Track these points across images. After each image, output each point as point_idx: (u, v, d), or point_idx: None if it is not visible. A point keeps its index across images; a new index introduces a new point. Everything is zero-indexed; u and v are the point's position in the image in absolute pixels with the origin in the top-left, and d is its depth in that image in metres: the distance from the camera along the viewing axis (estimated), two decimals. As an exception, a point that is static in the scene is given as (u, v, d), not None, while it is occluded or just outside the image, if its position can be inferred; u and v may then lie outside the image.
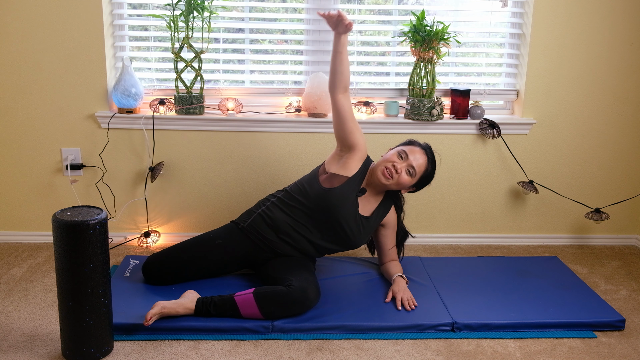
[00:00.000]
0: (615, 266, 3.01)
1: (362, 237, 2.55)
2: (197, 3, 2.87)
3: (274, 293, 2.27)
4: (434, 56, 2.97)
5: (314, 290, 2.33)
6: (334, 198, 2.46)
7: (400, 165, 2.47)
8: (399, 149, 2.53)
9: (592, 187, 3.23)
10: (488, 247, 3.22)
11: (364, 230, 2.54)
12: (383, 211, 2.60)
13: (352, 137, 2.51)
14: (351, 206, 2.49)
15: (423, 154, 2.52)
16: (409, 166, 2.48)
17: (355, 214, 2.50)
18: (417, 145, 2.55)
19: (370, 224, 2.56)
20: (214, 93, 3.10)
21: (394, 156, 2.50)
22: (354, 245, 2.56)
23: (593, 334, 2.31)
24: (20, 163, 3.05)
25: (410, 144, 2.57)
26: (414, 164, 2.48)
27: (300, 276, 2.37)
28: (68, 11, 2.87)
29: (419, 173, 2.50)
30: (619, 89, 3.11)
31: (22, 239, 3.13)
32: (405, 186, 2.51)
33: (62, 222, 1.94)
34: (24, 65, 2.93)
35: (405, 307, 2.40)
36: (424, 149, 2.55)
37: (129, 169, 3.07)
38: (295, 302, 2.27)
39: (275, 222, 2.52)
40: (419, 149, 2.53)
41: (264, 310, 2.25)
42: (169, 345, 2.17)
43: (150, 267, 2.54)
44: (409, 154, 2.49)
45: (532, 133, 3.14)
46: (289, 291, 2.27)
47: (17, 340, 2.18)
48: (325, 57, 3.10)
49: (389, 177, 2.47)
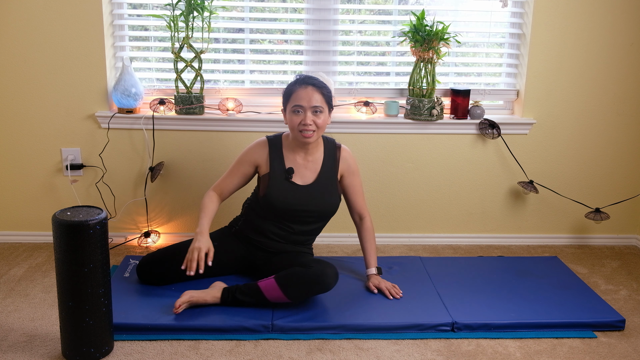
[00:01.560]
0: (615, 266, 3.01)
1: (326, 202, 2.51)
2: (197, 3, 2.87)
3: (294, 275, 2.31)
4: (434, 56, 2.97)
5: (332, 270, 2.35)
6: (273, 199, 2.46)
7: (307, 119, 2.38)
8: (291, 108, 2.42)
9: (592, 187, 3.23)
10: (488, 247, 3.22)
11: (324, 196, 2.50)
12: (330, 166, 2.53)
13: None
14: (292, 191, 2.47)
15: (307, 88, 2.40)
16: (312, 110, 2.39)
17: (302, 193, 2.48)
18: (298, 87, 2.42)
19: (322, 185, 2.51)
20: (214, 93, 3.10)
21: (295, 118, 2.41)
22: (327, 213, 2.54)
23: (593, 334, 2.31)
24: (20, 163, 3.05)
25: (291, 93, 2.44)
26: (312, 104, 2.39)
27: (315, 260, 2.42)
28: (68, 11, 2.87)
29: (323, 103, 2.41)
30: (619, 89, 3.11)
31: (22, 239, 3.13)
32: (326, 123, 2.44)
33: (62, 222, 1.94)
34: (24, 65, 2.93)
35: (394, 296, 2.48)
36: (304, 83, 2.42)
37: (129, 169, 3.07)
38: (316, 282, 2.30)
39: (258, 226, 2.54)
40: (301, 88, 2.41)
41: (287, 293, 2.30)
42: (169, 345, 2.17)
43: (146, 267, 2.53)
44: (301, 103, 2.39)
45: (532, 133, 3.14)
46: (308, 272, 2.30)
47: (17, 340, 2.18)
48: (325, 57, 3.10)
49: (311, 135, 2.41)
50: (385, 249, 3.13)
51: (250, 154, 2.54)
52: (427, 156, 3.12)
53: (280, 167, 2.50)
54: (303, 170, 2.51)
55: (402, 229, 3.22)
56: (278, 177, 2.49)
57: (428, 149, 3.11)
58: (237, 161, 2.57)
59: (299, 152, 2.51)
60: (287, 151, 2.52)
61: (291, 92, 2.44)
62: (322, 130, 2.46)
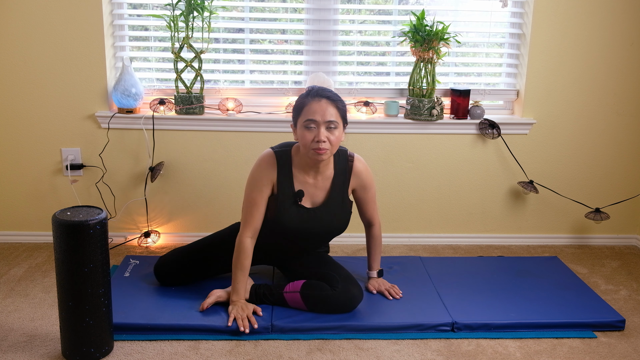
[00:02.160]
0: (615, 266, 3.01)
1: (336, 223, 2.40)
2: (197, 3, 2.87)
3: (321, 297, 2.32)
4: (434, 56, 2.97)
5: (358, 289, 2.36)
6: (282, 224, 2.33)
7: (321, 136, 2.19)
8: (302, 122, 2.23)
9: (592, 187, 3.23)
10: (488, 247, 3.22)
11: (334, 217, 2.38)
12: (341, 182, 2.38)
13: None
14: (301, 215, 2.34)
15: (321, 102, 2.22)
16: (326, 126, 2.21)
17: (311, 216, 2.35)
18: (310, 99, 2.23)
19: (332, 205, 2.37)
20: (214, 93, 3.10)
21: (307, 134, 2.21)
22: (337, 231, 2.43)
23: (593, 334, 2.31)
24: (20, 163, 3.05)
25: (303, 106, 2.24)
26: (327, 118, 2.20)
27: (342, 274, 2.40)
28: (68, 11, 2.87)
29: (338, 117, 2.24)
30: (619, 89, 3.11)
31: (22, 239, 3.13)
32: (340, 139, 2.26)
33: (62, 222, 1.94)
34: (24, 65, 2.93)
35: (394, 296, 2.49)
36: (317, 95, 2.23)
37: (129, 169, 3.07)
38: (342, 305, 2.32)
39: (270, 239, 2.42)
40: (314, 101, 2.22)
41: (311, 309, 2.34)
42: (169, 345, 2.17)
43: (165, 268, 2.51)
44: (314, 118, 2.20)
45: (532, 133, 3.14)
46: (335, 294, 2.31)
47: (17, 340, 2.18)
48: (325, 57, 3.10)
49: (324, 152, 2.22)
50: (385, 249, 3.13)
51: (263, 174, 2.32)
52: (427, 156, 3.12)
53: (290, 190, 2.32)
54: (313, 190, 2.35)
55: (402, 229, 3.22)
56: (287, 201, 2.32)
57: (428, 149, 3.11)
58: (253, 187, 2.32)
59: (309, 171, 2.34)
60: (296, 170, 2.33)
61: (303, 105, 2.24)
62: (336, 148, 2.27)
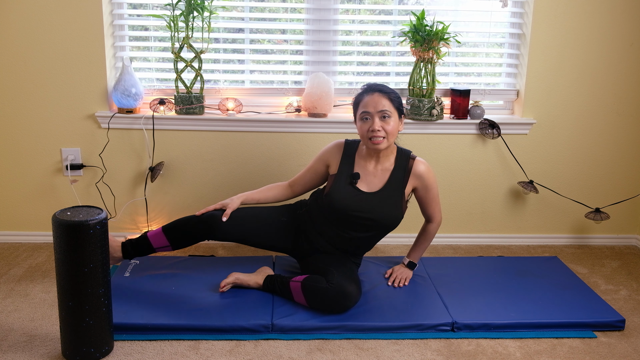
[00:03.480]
0: (615, 266, 3.01)
1: (387, 214, 2.46)
2: (197, 3, 2.87)
3: (317, 289, 2.35)
4: (434, 56, 2.97)
5: (354, 288, 2.36)
6: (334, 200, 2.46)
7: (375, 125, 2.37)
8: (359, 115, 2.42)
9: (592, 187, 3.23)
10: (488, 247, 3.22)
11: (386, 206, 2.46)
12: (399, 177, 2.48)
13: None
14: (354, 196, 2.45)
15: (374, 95, 2.40)
16: (379, 116, 2.37)
17: (363, 200, 2.45)
18: (365, 94, 2.43)
19: (387, 196, 2.46)
20: (214, 93, 3.10)
21: (364, 125, 2.40)
22: (387, 225, 2.50)
23: (593, 334, 2.31)
24: (20, 163, 3.05)
25: (359, 101, 2.44)
26: (379, 109, 2.37)
27: (340, 270, 2.42)
28: (68, 11, 2.87)
29: (391, 107, 2.39)
30: (619, 89, 3.11)
31: (22, 239, 3.13)
32: (396, 129, 2.42)
33: (62, 222, 1.94)
34: (24, 65, 2.93)
35: (394, 284, 2.58)
36: (370, 90, 2.42)
37: (129, 169, 3.07)
38: (335, 301, 2.33)
39: (317, 223, 2.54)
40: (368, 95, 2.41)
41: (310, 303, 2.37)
42: (169, 345, 2.17)
43: (225, 225, 2.51)
44: (368, 109, 2.38)
45: (532, 133, 3.14)
46: (328, 289, 2.33)
47: (17, 340, 2.18)
48: (325, 57, 3.10)
49: (380, 141, 2.39)
50: (385, 249, 3.13)
51: (325, 152, 2.57)
52: (427, 156, 3.12)
53: (348, 171, 2.49)
54: (371, 178, 2.49)
55: (402, 229, 3.20)
56: (343, 180, 2.49)
57: (428, 149, 3.11)
58: (314, 158, 2.61)
59: (370, 160, 2.50)
60: (359, 157, 2.51)
61: (359, 100, 2.44)
62: (393, 137, 2.42)
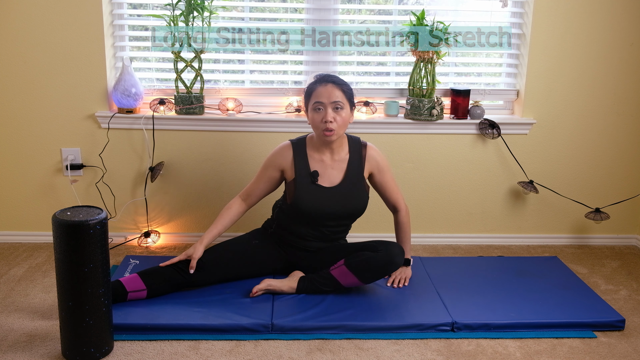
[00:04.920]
0: (615, 266, 3.01)
1: (355, 203, 2.51)
2: (197, 3, 2.87)
3: (365, 261, 2.39)
4: (434, 56, 2.97)
5: (398, 248, 2.42)
6: (302, 205, 2.46)
7: (328, 116, 2.38)
8: (312, 106, 2.42)
9: (592, 187, 3.23)
10: (488, 247, 3.22)
11: (352, 197, 2.50)
12: (356, 165, 2.52)
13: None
14: (319, 195, 2.47)
15: (327, 85, 2.41)
16: (332, 107, 2.39)
17: (329, 196, 2.47)
18: (318, 85, 2.42)
19: (350, 185, 2.49)
20: (214, 93, 3.10)
21: (316, 115, 2.41)
22: (356, 213, 2.54)
23: (593, 334, 2.31)
24: (20, 163, 3.05)
25: (312, 91, 2.43)
26: (332, 99, 2.38)
27: (373, 241, 2.46)
28: (68, 11, 2.87)
29: (343, 99, 2.41)
30: (619, 89, 3.11)
31: (22, 239, 3.13)
32: (347, 121, 2.44)
33: (62, 222, 1.94)
34: (24, 65, 2.93)
35: (394, 285, 2.56)
36: (323, 81, 2.42)
37: (129, 169, 3.07)
38: (391, 263, 2.40)
39: (291, 228, 2.55)
40: (321, 86, 2.41)
41: (361, 277, 2.40)
42: (169, 345, 2.17)
43: (198, 275, 2.47)
44: (322, 100, 2.39)
45: (532, 133, 3.14)
46: (381, 255, 2.38)
47: (17, 340, 2.18)
48: (325, 57, 3.10)
49: (332, 132, 2.40)
50: (385, 249, 3.14)
51: (274, 158, 2.53)
52: (427, 156, 3.12)
53: (306, 171, 2.48)
54: (330, 171, 2.50)
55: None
56: (304, 182, 2.48)
57: (428, 149, 3.11)
58: (262, 166, 2.56)
59: (324, 151, 2.50)
60: (311, 151, 2.51)
61: (312, 90, 2.44)
62: (344, 128, 2.44)
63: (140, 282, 2.38)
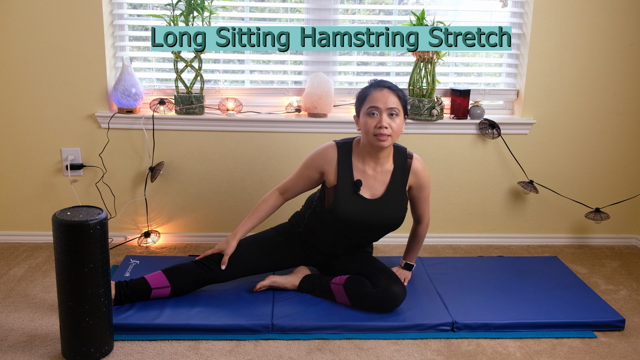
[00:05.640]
0: (615, 266, 3.01)
1: (394, 217, 2.42)
2: (197, 3, 2.87)
3: (364, 293, 2.36)
4: (434, 56, 2.97)
5: (400, 287, 2.37)
6: (341, 213, 2.37)
7: (383, 122, 2.28)
8: (366, 110, 2.32)
9: (592, 187, 3.23)
10: (488, 247, 3.22)
11: (392, 210, 2.41)
12: (399, 177, 2.42)
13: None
14: (360, 205, 2.38)
15: (383, 90, 2.32)
16: (388, 112, 2.30)
17: (370, 208, 2.38)
18: (373, 89, 2.34)
19: (391, 199, 2.41)
20: (214, 93, 3.10)
21: (370, 120, 2.30)
22: (393, 226, 2.45)
23: (593, 334, 2.31)
24: (20, 163, 3.05)
25: (366, 95, 2.34)
26: (389, 105, 2.29)
27: (385, 271, 2.42)
28: (68, 11, 2.87)
29: (399, 105, 2.32)
30: (619, 89, 3.11)
31: (22, 239, 3.13)
32: (401, 129, 2.34)
33: (62, 222, 1.94)
34: (24, 65, 2.93)
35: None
36: (379, 86, 2.34)
37: (129, 169, 3.07)
38: (384, 303, 2.35)
39: (320, 234, 2.50)
40: (377, 91, 2.32)
41: (355, 305, 2.39)
42: (169, 345, 2.17)
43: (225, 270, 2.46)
44: (377, 105, 2.29)
45: (532, 133, 3.14)
46: (376, 293, 2.34)
47: (17, 340, 2.18)
48: (325, 57, 3.10)
49: (386, 139, 2.29)
50: (386, 249, 3.13)
51: (317, 159, 2.41)
52: (427, 156, 3.12)
53: (349, 180, 2.38)
54: (372, 182, 2.40)
55: (402, 229, 3.19)
56: (346, 190, 2.37)
57: (428, 149, 3.11)
58: (303, 164, 2.45)
59: (368, 161, 2.40)
60: (356, 160, 2.40)
61: (366, 94, 2.34)
62: (397, 136, 2.34)
63: (164, 279, 2.38)
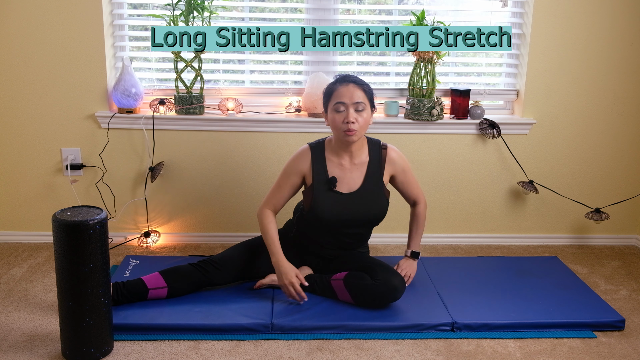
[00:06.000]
0: (615, 266, 3.01)
1: (374, 209, 2.45)
2: (197, 3, 2.87)
3: (364, 286, 2.36)
4: (434, 56, 2.97)
5: (399, 280, 2.37)
6: (319, 212, 2.41)
7: (350, 117, 2.31)
8: (333, 106, 2.35)
9: (592, 187, 3.23)
10: (488, 247, 3.22)
11: (371, 202, 2.44)
12: (376, 169, 2.46)
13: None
14: (338, 201, 2.41)
15: (349, 85, 2.35)
16: (354, 107, 2.33)
17: (348, 202, 2.42)
18: (339, 85, 2.36)
19: (369, 191, 2.44)
20: (214, 93, 3.10)
21: (337, 116, 2.34)
22: (376, 219, 2.48)
23: (593, 334, 2.31)
24: (20, 163, 3.05)
25: (332, 91, 2.37)
26: (355, 100, 2.33)
27: (383, 265, 2.43)
28: (68, 11, 2.87)
29: (365, 99, 2.35)
30: (619, 89, 3.11)
31: (22, 239, 3.13)
32: (369, 122, 2.38)
33: (62, 222, 1.94)
34: (24, 65, 2.93)
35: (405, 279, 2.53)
36: (344, 81, 2.37)
37: (129, 169, 3.07)
38: (383, 296, 2.36)
39: (311, 236, 2.52)
40: (342, 86, 2.35)
41: (355, 299, 2.39)
42: (169, 345, 2.17)
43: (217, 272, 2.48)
44: (343, 100, 2.33)
45: (532, 133, 3.14)
46: (376, 285, 2.34)
47: (17, 340, 2.18)
48: (325, 57, 3.10)
49: (354, 132, 2.33)
50: (385, 249, 3.13)
51: (294, 164, 2.45)
52: (427, 156, 3.12)
53: (324, 177, 2.42)
54: (349, 176, 2.44)
55: (402, 229, 3.21)
56: (322, 189, 2.41)
57: (428, 149, 3.11)
58: (283, 173, 2.47)
59: (343, 155, 2.44)
60: (330, 155, 2.44)
61: (332, 90, 2.38)
62: (365, 129, 2.38)
63: (161, 280, 2.39)
